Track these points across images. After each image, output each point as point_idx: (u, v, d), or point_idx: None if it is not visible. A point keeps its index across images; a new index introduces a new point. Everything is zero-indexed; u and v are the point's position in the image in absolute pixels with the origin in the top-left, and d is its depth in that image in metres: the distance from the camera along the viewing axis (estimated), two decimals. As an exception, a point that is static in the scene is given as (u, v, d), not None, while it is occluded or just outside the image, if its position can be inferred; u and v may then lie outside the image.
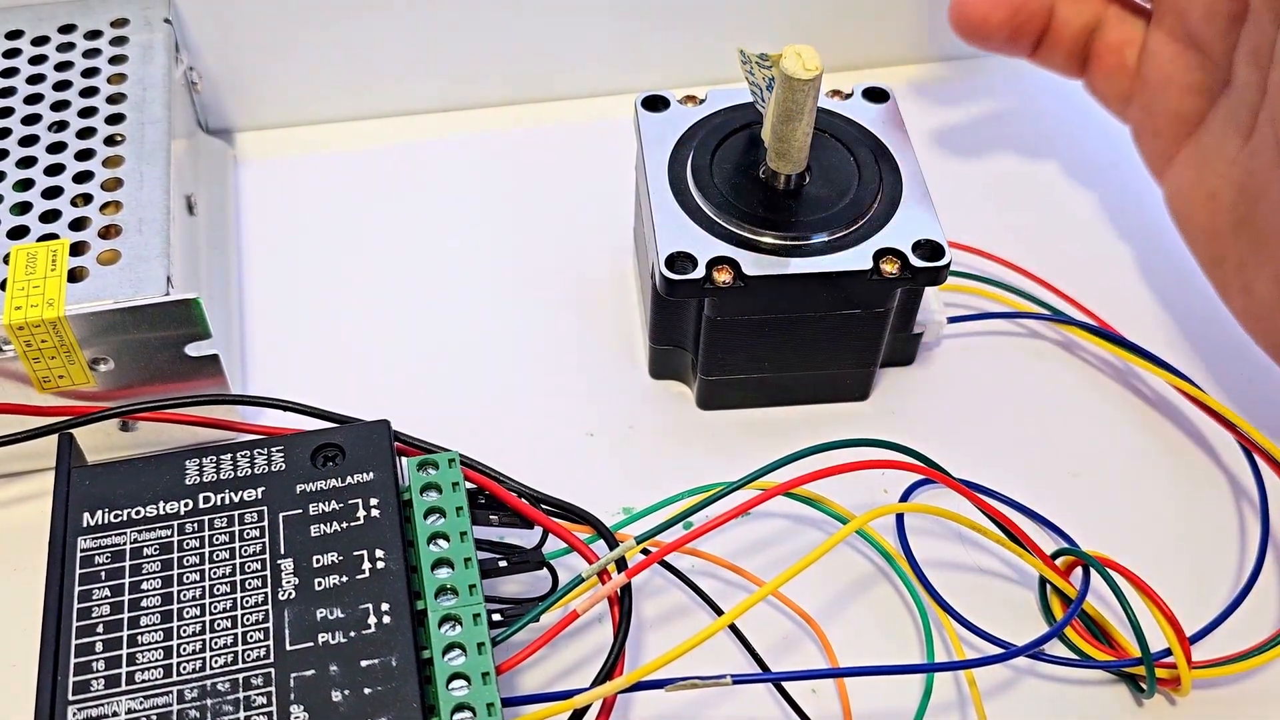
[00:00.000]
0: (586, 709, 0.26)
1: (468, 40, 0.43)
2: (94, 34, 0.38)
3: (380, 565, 0.27)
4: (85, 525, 0.27)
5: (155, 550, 0.27)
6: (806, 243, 0.32)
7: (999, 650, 0.29)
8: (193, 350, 0.32)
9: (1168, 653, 0.29)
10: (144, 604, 0.26)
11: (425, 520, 0.27)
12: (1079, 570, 0.31)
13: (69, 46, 0.38)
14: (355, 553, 0.27)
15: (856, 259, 0.32)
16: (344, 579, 0.26)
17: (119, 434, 0.33)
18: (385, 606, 0.26)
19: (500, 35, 0.43)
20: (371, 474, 0.28)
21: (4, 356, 0.31)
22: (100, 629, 0.26)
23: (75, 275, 0.31)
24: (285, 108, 0.44)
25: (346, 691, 0.25)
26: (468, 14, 0.43)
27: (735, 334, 0.33)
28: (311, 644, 0.25)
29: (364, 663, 0.25)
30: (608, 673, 0.27)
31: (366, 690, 0.25)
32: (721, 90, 0.36)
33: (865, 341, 0.34)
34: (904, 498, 0.33)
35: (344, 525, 0.27)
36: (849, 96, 0.37)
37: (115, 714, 0.24)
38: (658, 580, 0.32)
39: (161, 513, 0.28)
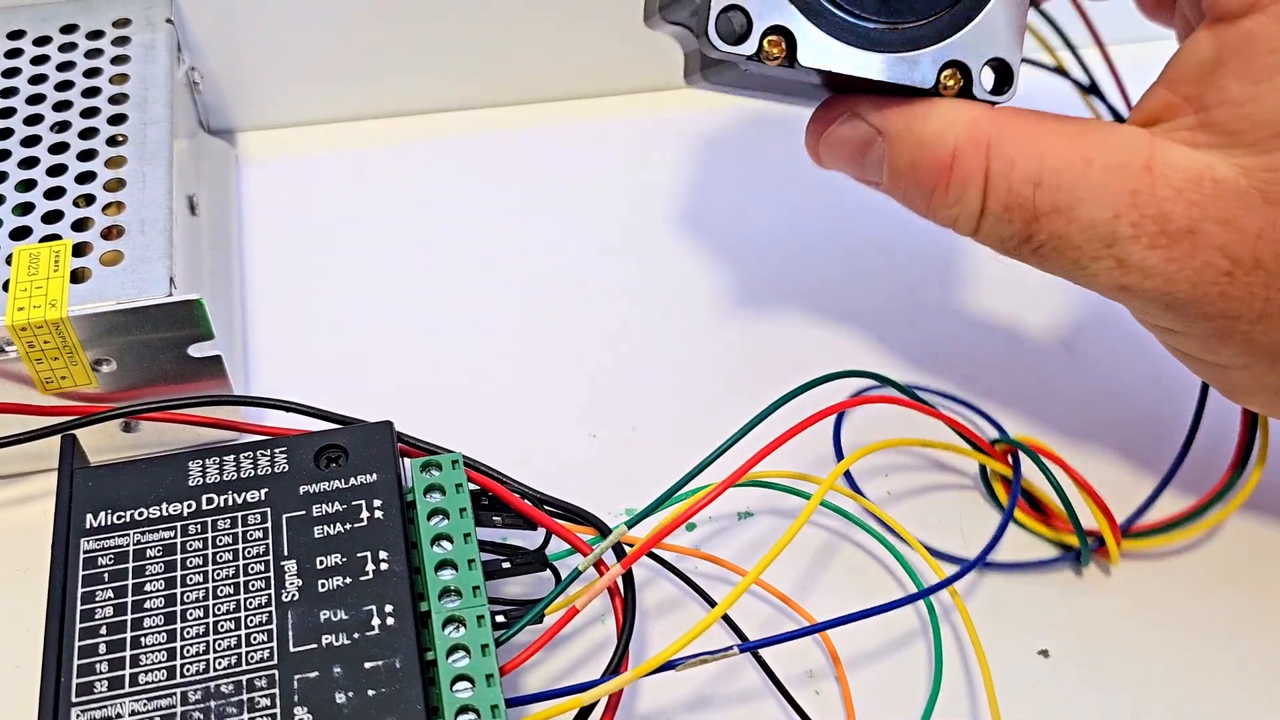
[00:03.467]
0: (593, 706, 0.26)
1: (470, 40, 0.43)
2: (96, 34, 0.38)
3: (384, 567, 0.27)
4: (88, 526, 0.27)
5: (159, 552, 0.27)
6: (876, 25, 0.28)
7: (954, 569, 0.31)
8: (195, 351, 0.32)
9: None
10: (147, 605, 0.26)
11: (428, 522, 0.27)
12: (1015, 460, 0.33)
13: (71, 46, 0.38)
14: (359, 554, 0.27)
15: (919, 73, 0.28)
16: (347, 580, 0.26)
17: (121, 435, 0.33)
18: (389, 608, 0.26)
19: (503, 35, 0.43)
20: (375, 475, 0.28)
21: (6, 357, 0.31)
22: (104, 630, 0.26)
23: (78, 276, 0.31)
24: (287, 108, 0.44)
25: (350, 693, 0.25)
26: (471, 14, 0.42)
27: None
28: (315, 645, 0.25)
29: (368, 664, 0.25)
30: (616, 665, 0.27)
31: (370, 692, 0.25)
32: None
33: None
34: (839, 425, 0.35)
35: (347, 527, 0.27)
36: None
37: (119, 715, 0.24)
38: (646, 575, 0.32)
39: (165, 514, 0.28)
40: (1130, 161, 0.27)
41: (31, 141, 0.35)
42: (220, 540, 0.27)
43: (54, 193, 0.34)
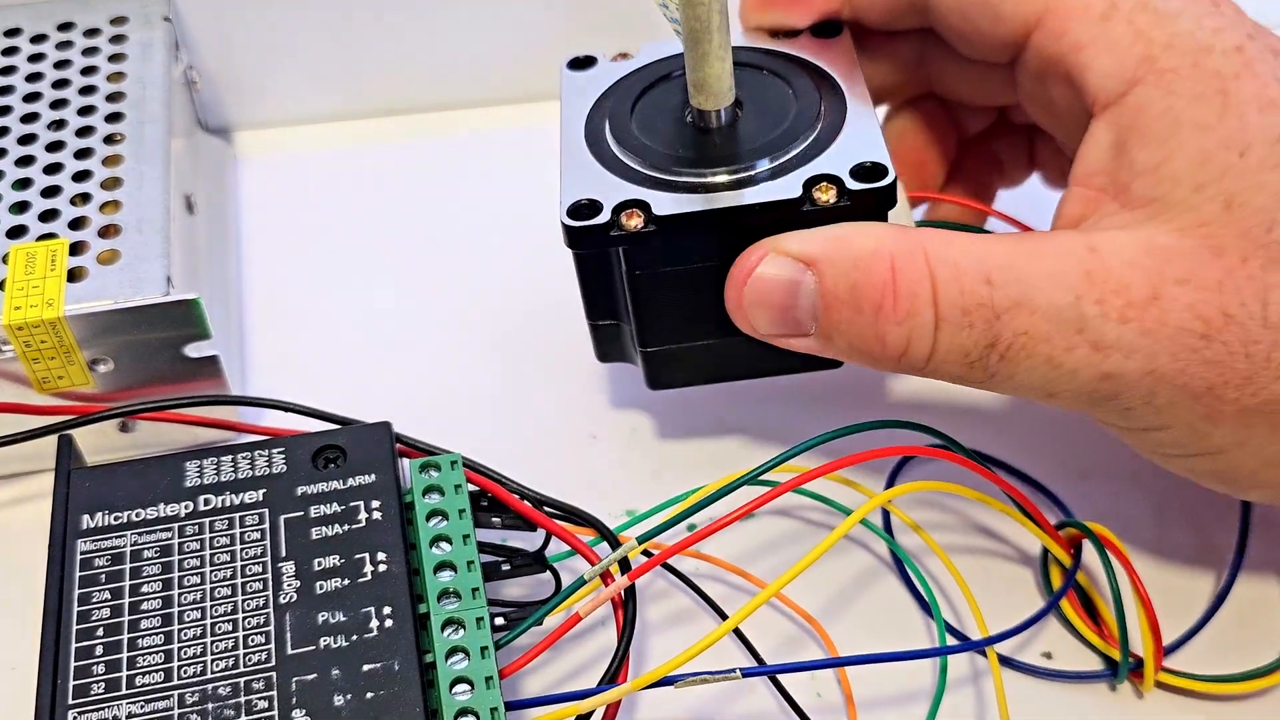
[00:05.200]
0: (592, 713, 0.26)
1: (469, 39, 0.43)
2: (93, 32, 0.38)
3: (382, 568, 0.26)
4: (85, 528, 0.27)
5: (155, 553, 0.27)
6: (727, 177, 0.29)
7: (976, 638, 0.29)
8: (192, 351, 0.32)
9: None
10: (144, 607, 0.26)
11: (427, 523, 0.27)
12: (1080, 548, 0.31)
13: (68, 44, 0.38)
14: (357, 555, 0.27)
15: (783, 189, 0.28)
16: (345, 582, 0.26)
17: (118, 435, 0.33)
18: (387, 610, 0.26)
19: (502, 34, 0.43)
20: (373, 476, 0.28)
21: (3, 357, 0.31)
22: (100, 632, 0.26)
23: (75, 275, 0.31)
24: (285, 106, 0.44)
25: (348, 695, 0.25)
26: (469, 12, 0.42)
27: (664, 290, 0.30)
28: (313, 647, 0.25)
29: (366, 666, 0.25)
30: (613, 676, 0.26)
31: (369, 694, 0.25)
32: (656, 43, 0.33)
33: None
34: (895, 473, 0.33)
35: (345, 528, 0.27)
36: (798, 34, 0.33)
37: (115, 718, 0.24)
38: (660, 583, 0.32)
39: (161, 515, 0.27)
40: (1073, 248, 0.26)
41: (28, 140, 0.35)
42: (217, 541, 0.27)
43: (50, 191, 0.33)
